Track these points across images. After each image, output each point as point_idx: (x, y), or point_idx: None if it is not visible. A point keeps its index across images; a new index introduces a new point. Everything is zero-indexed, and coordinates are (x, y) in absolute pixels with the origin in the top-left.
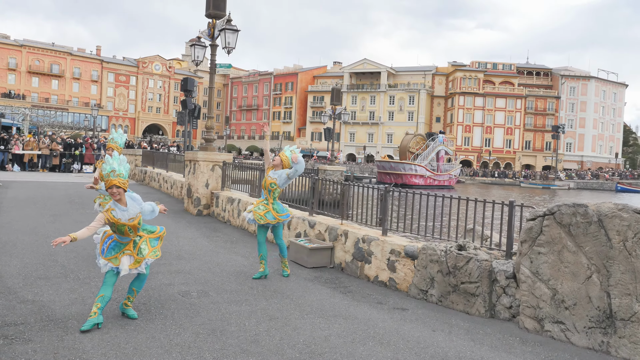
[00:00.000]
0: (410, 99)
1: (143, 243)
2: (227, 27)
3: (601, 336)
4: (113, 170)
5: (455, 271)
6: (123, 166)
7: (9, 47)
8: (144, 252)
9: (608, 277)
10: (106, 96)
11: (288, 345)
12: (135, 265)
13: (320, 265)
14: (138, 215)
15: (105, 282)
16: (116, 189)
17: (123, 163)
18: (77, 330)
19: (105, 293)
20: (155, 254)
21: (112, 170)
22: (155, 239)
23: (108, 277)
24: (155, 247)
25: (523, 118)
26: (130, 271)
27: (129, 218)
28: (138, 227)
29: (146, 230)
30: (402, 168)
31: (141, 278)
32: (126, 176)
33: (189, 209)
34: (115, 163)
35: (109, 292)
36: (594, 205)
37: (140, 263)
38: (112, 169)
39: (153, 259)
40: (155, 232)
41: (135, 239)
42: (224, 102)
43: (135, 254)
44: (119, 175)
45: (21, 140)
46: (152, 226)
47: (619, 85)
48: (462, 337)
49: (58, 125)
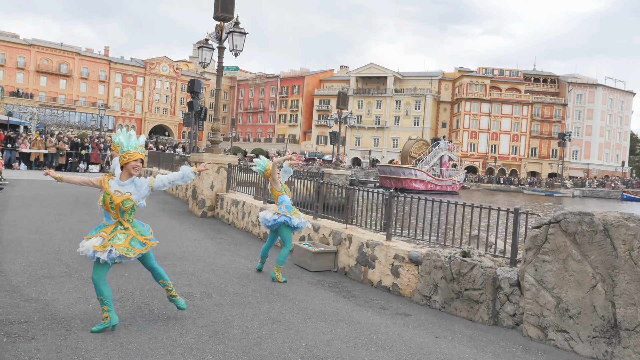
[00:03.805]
0: (417, 104)
1: (122, 234)
2: (235, 29)
3: (605, 346)
4: (141, 145)
5: (459, 278)
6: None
7: (18, 47)
8: (116, 242)
9: (613, 287)
10: (113, 96)
11: (290, 349)
12: (99, 249)
13: (324, 269)
14: (127, 195)
15: (95, 284)
16: (141, 162)
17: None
18: (81, 329)
19: (103, 294)
20: (127, 251)
21: (140, 144)
22: (139, 242)
23: (95, 272)
24: (133, 247)
25: (529, 125)
26: (91, 253)
27: (115, 190)
28: (122, 208)
29: (137, 229)
30: (401, 173)
31: (155, 273)
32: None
33: (194, 210)
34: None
35: (106, 290)
36: (600, 214)
37: (105, 248)
38: (140, 143)
39: (120, 253)
40: (144, 237)
41: (118, 226)
42: (231, 104)
43: (108, 239)
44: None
45: (28, 139)
46: (146, 231)
47: (627, 93)
48: (465, 344)
49: (65, 124)
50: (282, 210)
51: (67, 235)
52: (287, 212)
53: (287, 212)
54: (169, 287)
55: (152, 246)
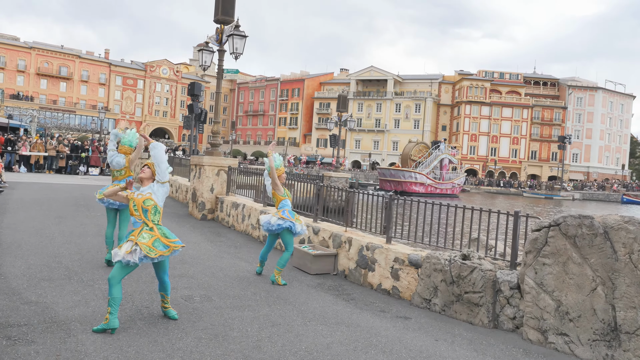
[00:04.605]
0: (417, 107)
1: (147, 234)
2: (235, 32)
3: (605, 349)
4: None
5: (459, 281)
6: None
7: (19, 49)
8: (141, 239)
9: (613, 290)
10: (113, 99)
11: (290, 352)
12: (129, 251)
13: (324, 272)
14: (148, 195)
15: (110, 283)
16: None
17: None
18: (80, 332)
19: (112, 295)
20: (149, 250)
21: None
22: (162, 244)
23: (114, 271)
24: (156, 248)
25: (529, 128)
26: (125, 258)
27: (137, 193)
28: (144, 207)
29: (162, 231)
30: (401, 175)
31: (161, 285)
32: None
33: (194, 213)
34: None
35: (117, 292)
36: (600, 217)
37: (135, 250)
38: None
39: (144, 252)
40: (169, 239)
41: (144, 227)
42: (231, 107)
43: (136, 240)
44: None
45: (29, 142)
46: (172, 235)
47: (627, 96)
48: (465, 348)
49: (65, 127)
50: (286, 215)
51: (67, 238)
52: (291, 217)
53: (291, 217)
54: (166, 300)
55: (176, 249)
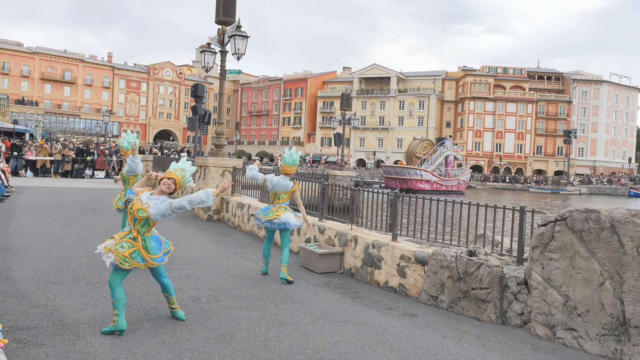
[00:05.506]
0: (420, 104)
1: (128, 243)
2: (237, 33)
3: (614, 344)
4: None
5: (465, 277)
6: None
7: (22, 55)
8: (119, 248)
9: (621, 284)
10: (117, 102)
11: (298, 350)
12: (106, 251)
13: (330, 270)
14: (145, 206)
15: (110, 286)
16: (174, 184)
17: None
18: (89, 334)
19: (115, 297)
20: (123, 260)
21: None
22: (141, 257)
23: (112, 275)
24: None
25: (534, 123)
26: (103, 256)
27: (139, 199)
28: (136, 217)
29: (146, 244)
30: (407, 173)
31: (162, 287)
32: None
33: (199, 214)
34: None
35: (119, 293)
36: (607, 210)
37: (109, 257)
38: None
39: (117, 261)
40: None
41: (128, 235)
42: (234, 108)
43: (113, 247)
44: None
45: (34, 147)
46: (156, 250)
47: (632, 89)
48: (473, 344)
49: (70, 131)
50: (297, 214)
51: (74, 242)
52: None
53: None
54: (172, 301)
55: (152, 266)
